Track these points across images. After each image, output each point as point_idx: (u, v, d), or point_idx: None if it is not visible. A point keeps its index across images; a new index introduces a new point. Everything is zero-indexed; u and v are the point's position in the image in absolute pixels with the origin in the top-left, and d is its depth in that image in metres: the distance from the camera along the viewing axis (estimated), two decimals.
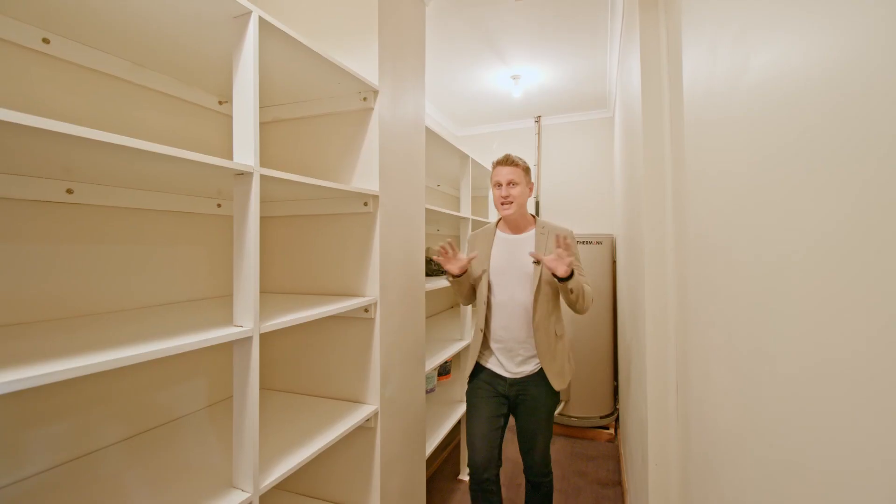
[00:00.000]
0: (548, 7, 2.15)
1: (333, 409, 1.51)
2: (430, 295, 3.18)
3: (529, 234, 1.81)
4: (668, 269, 1.30)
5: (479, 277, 1.82)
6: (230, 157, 1.51)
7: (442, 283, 2.24)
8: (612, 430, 3.39)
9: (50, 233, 1.11)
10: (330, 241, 1.64)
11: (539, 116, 4.13)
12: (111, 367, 0.73)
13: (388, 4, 1.63)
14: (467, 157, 2.63)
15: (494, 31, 2.37)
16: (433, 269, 2.58)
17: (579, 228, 4.04)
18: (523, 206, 1.80)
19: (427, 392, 2.50)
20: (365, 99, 1.54)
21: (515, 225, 1.83)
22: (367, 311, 1.57)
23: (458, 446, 3.12)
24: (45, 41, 1.10)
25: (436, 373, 2.66)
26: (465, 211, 2.66)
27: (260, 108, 1.61)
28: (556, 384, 1.73)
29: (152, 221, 1.36)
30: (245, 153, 1.03)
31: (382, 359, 1.58)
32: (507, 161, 1.76)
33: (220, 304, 1.41)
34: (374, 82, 1.53)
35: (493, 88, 3.20)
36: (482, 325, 1.82)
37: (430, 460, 2.86)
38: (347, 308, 1.41)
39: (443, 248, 1.74)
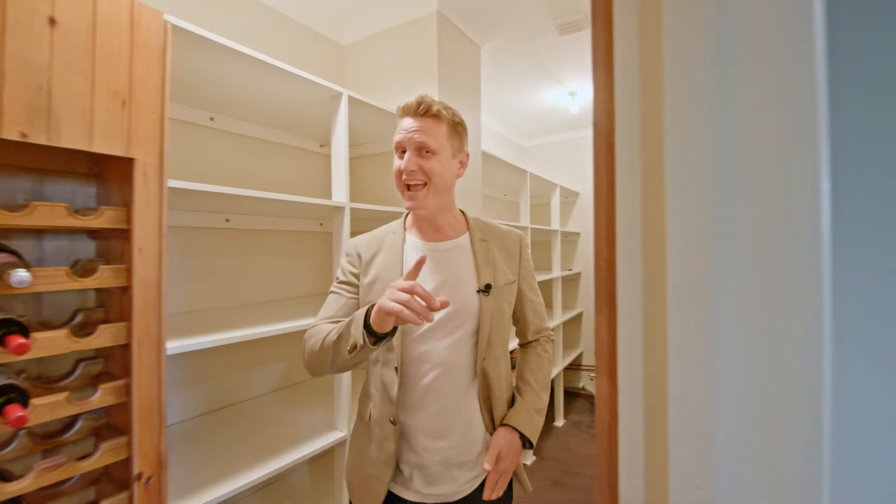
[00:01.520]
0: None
1: None
2: None
3: (461, 243, 1.02)
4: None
5: None
6: (328, 187, 1.97)
7: None
8: None
9: (214, 249, 1.64)
10: None
11: None
12: (265, 336, 1.18)
13: (446, 55, 2.00)
14: (525, 171, 2.91)
15: (546, 58, 2.63)
16: None
17: None
18: (446, 192, 0.98)
19: None
20: None
21: (435, 225, 1.01)
22: None
23: None
24: (211, 119, 1.63)
25: None
26: (525, 220, 2.94)
27: (350, 146, 2.07)
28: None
29: (277, 239, 1.87)
30: (340, 192, 1.45)
31: None
32: (417, 109, 0.92)
33: (322, 301, 1.87)
34: None
35: (553, 105, 3.44)
36: (393, 411, 0.95)
37: None
38: None
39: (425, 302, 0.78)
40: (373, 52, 2.15)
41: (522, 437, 0.96)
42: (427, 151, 0.93)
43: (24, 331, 0.84)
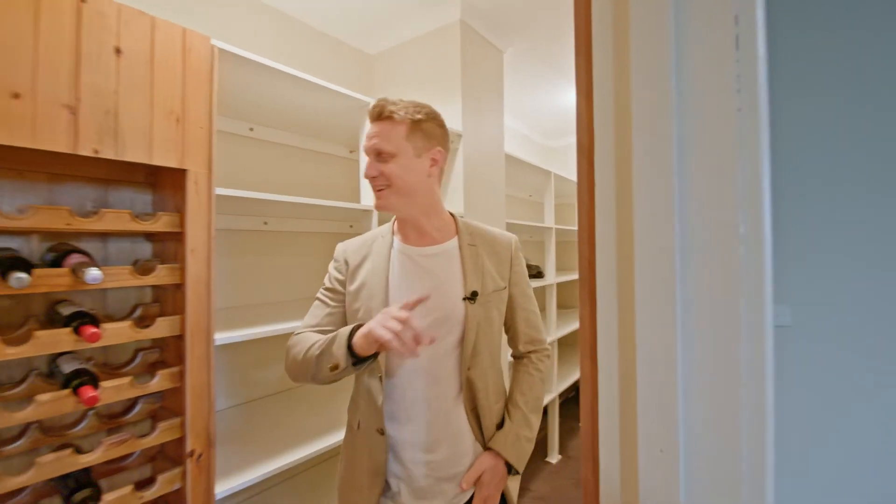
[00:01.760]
0: None
1: None
2: None
3: (448, 247, 0.98)
4: None
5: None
6: (357, 189, 2.07)
7: None
8: None
9: (253, 250, 1.76)
10: None
11: None
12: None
13: (469, 61, 2.06)
14: (549, 172, 2.94)
15: (570, 61, 2.66)
16: None
17: None
18: (413, 193, 0.94)
19: None
20: (452, 142, 1.99)
21: (420, 230, 0.99)
22: None
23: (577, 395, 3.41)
24: (251, 129, 1.75)
25: None
26: (549, 221, 2.97)
27: None
28: None
29: (311, 240, 1.98)
30: (368, 196, 1.54)
31: None
32: (373, 113, 0.94)
33: None
34: (459, 128, 1.97)
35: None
36: (380, 420, 0.94)
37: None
38: None
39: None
40: (399, 61, 2.24)
41: (508, 463, 0.95)
42: (384, 155, 0.91)
43: (95, 321, 0.96)
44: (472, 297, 0.93)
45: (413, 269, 0.97)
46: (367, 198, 1.55)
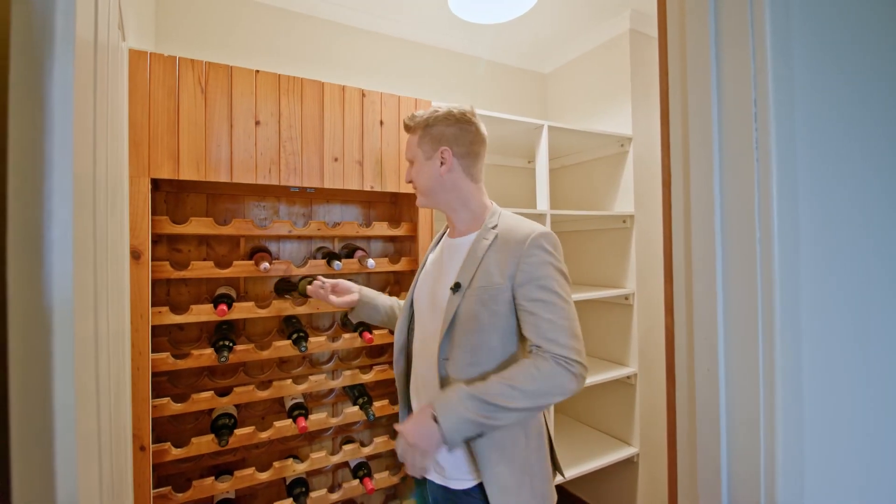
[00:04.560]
0: None
1: (601, 365, 2.18)
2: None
3: (467, 240, 1.04)
4: None
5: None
6: (533, 196, 2.39)
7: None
8: None
9: None
10: (597, 248, 2.31)
11: None
12: None
13: (639, 67, 2.16)
14: None
15: None
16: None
17: None
18: (430, 192, 1.05)
19: None
20: (622, 145, 2.14)
21: (452, 223, 1.11)
22: (626, 299, 2.15)
23: None
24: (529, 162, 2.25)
25: None
26: None
27: (552, 159, 2.46)
28: None
29: None
30: (542, 202, 1.86)
31: (640, 335, 2.12)
32: (404, 126, 1.12)
33: None
34: (628, 132, 2.11)
35: None
36: (401, 387, 1.14)
37: None
38: (611, 295, 2.06)
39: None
40: (570, 75, 2.48)
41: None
42: (410, 162, 1.09)
43: None
44: (454, 288, 0.96)
45: (437, 259, 1.11)
46: (542, 203, 1.86)
